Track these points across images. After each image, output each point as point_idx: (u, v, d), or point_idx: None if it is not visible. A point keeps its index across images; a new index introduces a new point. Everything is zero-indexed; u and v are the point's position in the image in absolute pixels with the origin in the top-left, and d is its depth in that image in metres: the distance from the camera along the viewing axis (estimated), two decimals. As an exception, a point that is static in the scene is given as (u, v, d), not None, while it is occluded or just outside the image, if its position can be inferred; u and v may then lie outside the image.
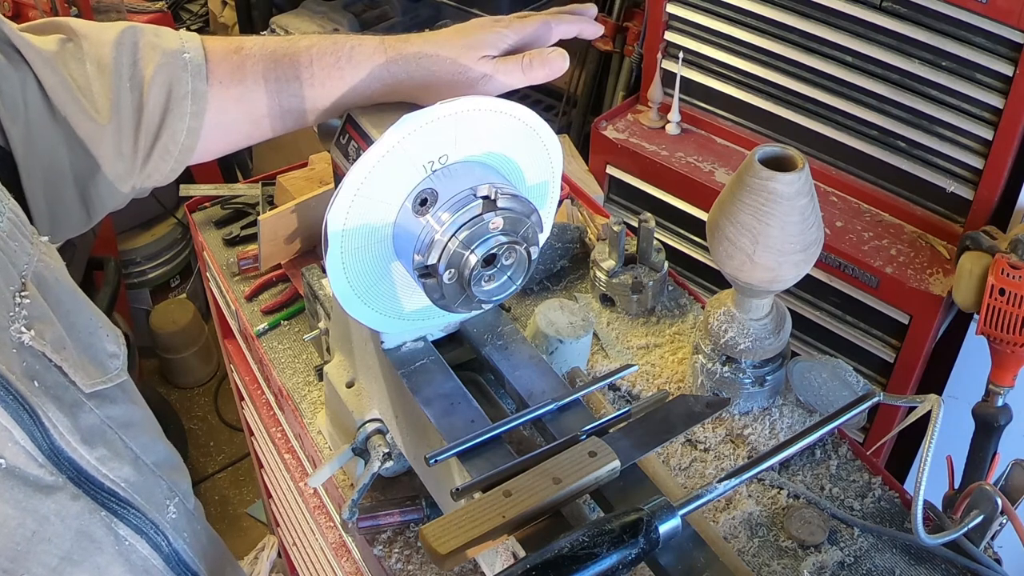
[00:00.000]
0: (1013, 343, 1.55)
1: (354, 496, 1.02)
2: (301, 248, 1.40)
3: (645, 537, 0.77)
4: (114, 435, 0.82)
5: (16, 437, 0.70)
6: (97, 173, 0.89)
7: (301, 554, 1.67)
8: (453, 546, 0.77)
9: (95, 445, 0.79)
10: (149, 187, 0.96)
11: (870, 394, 0.97)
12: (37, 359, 0.74)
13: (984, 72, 1.63)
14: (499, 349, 1.00)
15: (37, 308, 0.75)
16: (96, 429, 0.80)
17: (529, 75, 0.92)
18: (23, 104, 0.83)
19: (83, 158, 0.87)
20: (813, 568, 1.03)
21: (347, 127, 0.93)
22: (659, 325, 1.34)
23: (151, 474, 0.86)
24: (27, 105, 0.84)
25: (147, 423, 0.89)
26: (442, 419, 0.92)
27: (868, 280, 1.78)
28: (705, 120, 2.08)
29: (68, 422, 0.76)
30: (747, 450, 1.16)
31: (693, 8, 1.99)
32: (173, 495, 0.88)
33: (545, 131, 0.92)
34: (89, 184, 0.89)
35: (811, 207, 1.04)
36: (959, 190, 1.75)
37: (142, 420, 0.88)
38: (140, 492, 0.82)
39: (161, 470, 0.87)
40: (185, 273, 3.16)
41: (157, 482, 0.86)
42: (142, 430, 0.87)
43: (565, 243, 1.41)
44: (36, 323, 0.74)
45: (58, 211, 0.88)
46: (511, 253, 0.88)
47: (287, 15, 2.86)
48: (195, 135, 0.92)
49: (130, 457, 0.83)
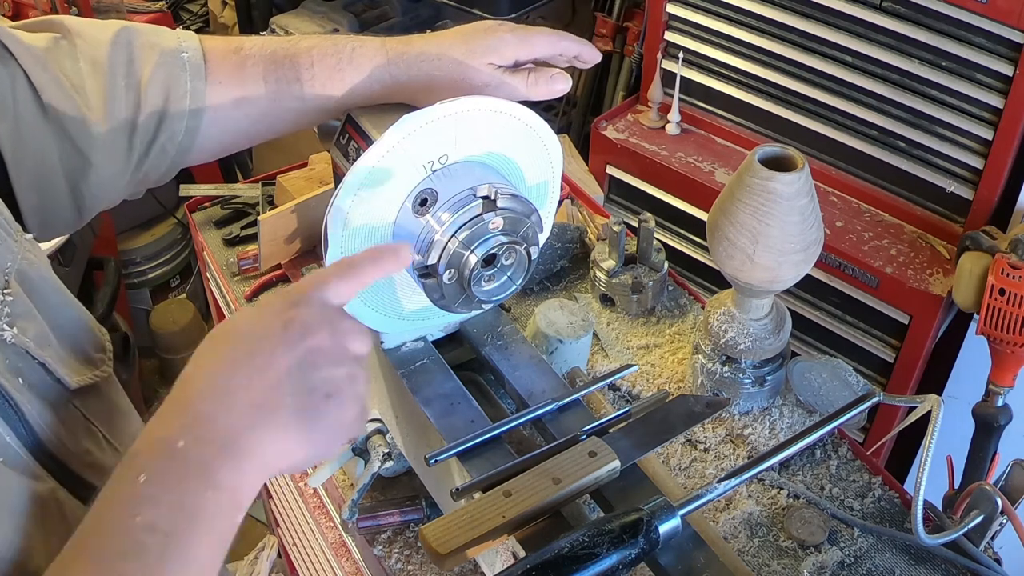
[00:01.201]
0: (1013, 343, 1.55)
1: (354, 496, 1.02)
2: (301, 248, 1.40)
3: (645, 537, 0.77)
4: (96, 431, 0.82)
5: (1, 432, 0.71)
6: (89, 171, 0.88)
7: (301, 554, 1.67)
8: (453, 546, 0.78)
9: (78, 440, 0.79)
10: (145, 187, 0.96)
11: (870, 394, 0.97)
12: (20, 356, 0.74)
13: (984, 72, 1.63)
14: (499, 349, 1.00)
15: (20, 305, 0.75)
16: (80, 424, 0.80)
17: (532, 92, 0.92)
18: (12, 101, 0.83)
19: (75, 156, 0.87)
20: (813, 568, 1.03)
21: (347, 127, 0.93)
22: (659, 325, 1.34)
23: None
24: (16, 102, 0.83)
25: (131, 418, 0.89)
26: (442, 419, 0.92)
27: (868, 280, 1.78)
28: (705, 120, 2.08)
29: (51, 418, 0.76)
30: (747, 450, 1.16)
31: (693, 8, 1.99)
32: None
33: (545, 131, 0.92)
34: (81, 182, 0.89)
35: (811, 207, 1.04)
36: (959, 190, 1.75)
37: (126, 415, 0.88)
38: None
39: None
40: (185, 273, 3.16)
41: None
42: (127, 424, 0.87)
43: (565, 243, 1.41)
44: (19, 320, 0.75)
45: (48, 208, 0.88)
46: (511, 253, 0.88)
47: (287, 15, 2.85)
48: (193, 135, 0.91)
49: (112, 453, 0.83)
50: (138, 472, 0.62)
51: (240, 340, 0.68)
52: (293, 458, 0.68)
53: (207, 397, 0.66)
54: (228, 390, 0.66)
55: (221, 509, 0.64)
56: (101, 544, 0.61)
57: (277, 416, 0.66)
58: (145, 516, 0.61)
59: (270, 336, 0.67)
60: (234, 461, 0.64)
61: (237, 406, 0.65)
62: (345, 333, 0.71)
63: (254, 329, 0.69)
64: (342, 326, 0.71)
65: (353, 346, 0.71)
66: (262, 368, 0.66)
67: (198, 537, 0.62)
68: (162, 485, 0.62)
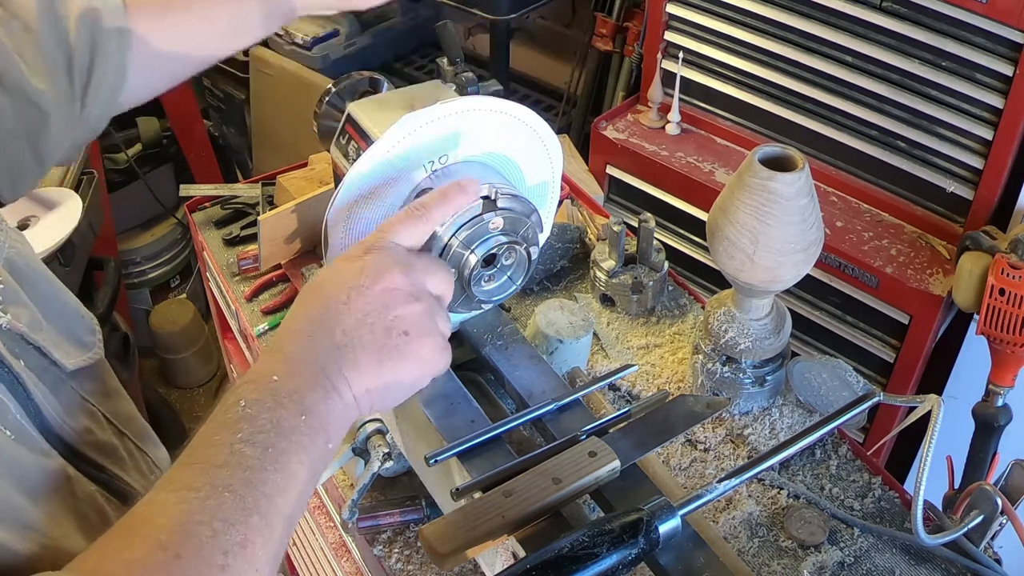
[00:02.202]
0: (1013, 343, 1.55)
1: (354, 496, 1.02)
2: (301, 248, 1.40)
3: (645, 537, 0.77)
4: (95, 410, 0.87)
5: (13, 410, 0.74)
6: (46, 126, 0.92)
7: (301, 554, 1.67)
8: (453, 546, 0.78)
9: (79, 419, 0.83)
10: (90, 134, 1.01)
11: (870, 394, 0.97)
12: (16, 341, 0.78)
13: (984, 72, 1.63)
14: (499, 349, 1.00)
15: (11, 293, 0.79)
16: (78, 404, 0.85)
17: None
18: None
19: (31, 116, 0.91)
20: (813, 568, 1.03)
21: (347, 127, 0.93)
22: (659, 325, 1.34)
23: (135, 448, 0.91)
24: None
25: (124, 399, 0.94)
26: (442, 419, 0.92)
27: (868, 280, 1.78)
28: (705, 120, 2.08)
29: (53, 399, 0.80)
30: (747, 450, 1.16)
31: (693, 8, 1.99)
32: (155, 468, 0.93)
33: (545, 131, 0.92)
34: (40, 139, 0.93)
35: (811, 207, 1.04)
36: (959, 190, 1.75)
37: (120, 395, 0.93)
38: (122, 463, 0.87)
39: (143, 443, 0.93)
40: (185, 273, 3.16)
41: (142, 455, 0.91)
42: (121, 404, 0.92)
43: (565, 243, 1.41)
44: (11, 307, 0.78)
45: (15, 170, 0.92)
46: (511, 253, 0.88)
47: (287, 15, 2.85)
48: (123, 72, 0.97)
49: (112, 431, 0.87)
50: (238, 400, 0.68)
51: (321, 290, 0.75)
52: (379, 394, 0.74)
53: (295, 342, 0.73)
54: (311, 335, 0.72)
55: (313, 432, 0.69)
56: (206, 455, 0.66)
57: (356, 355, 0.72)
58: (244, 432, 0.66)
59: (345, 283, 0.74)
60: (322, 392, 0.70)
61: (320, 349, 0.72)
62: (420, 272, 0.76)
63: (333, 278, 0.75)
64: (416, 265, 0.76)
65: (430, 283, 0.77)
66: (339, 313, 0.73)
67: (292, 454, 0.67)
68: (259, 407, 0.68)
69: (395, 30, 2.89)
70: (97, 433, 0.85)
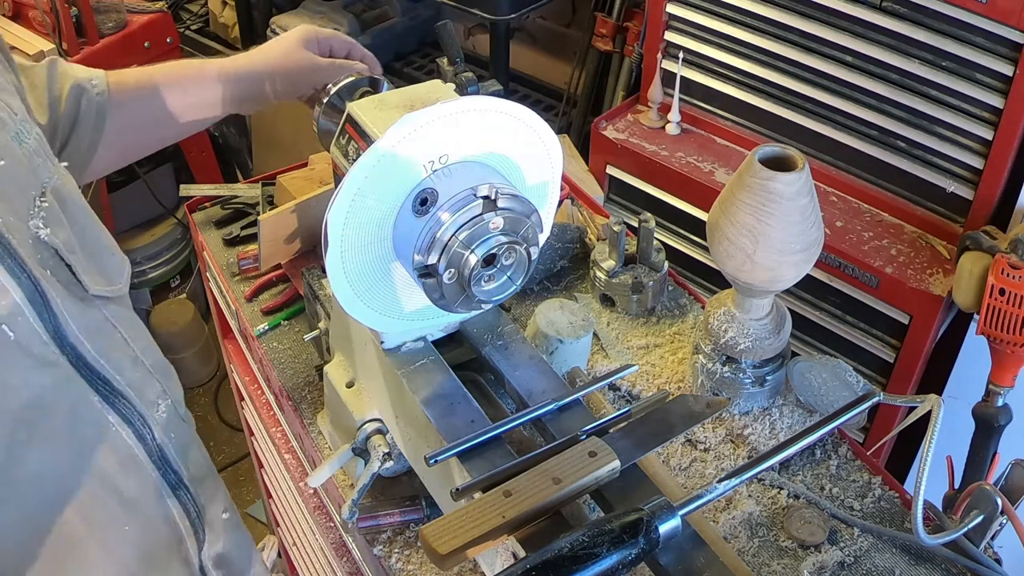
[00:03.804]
0: (1013, 343, 1.55)
1: (354, 496, 1.02)
2: (301, 248, 1.40)
3: (645, 537, 0.77)
4: (116, 333, 0.93)
5: (27, 314, 0.81)
6: None
7: (301, 554, 1.67)
8: (453, 546, 0.78)
9: (96, 337, 0.89)
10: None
11: (870, 394, 0.97)
12: (51, 255, 0.86)
13: (984, 72, 1.63)
14: (499, 349, 1.00)
15: (54, 215, 0.88)
16: (101, 324, 0.92)
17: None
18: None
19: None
20: (813, 568, 1.03)
21: (347, 127, 0.93)
22: (659, 325, 1.34)
23: (147, 374, 0.97)
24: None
25: (145, 333, 1.01)
26: (442, 419, 0.92)
27: (868, 280, 1.78)
28: (705, 120, 2.08)
29: (76, 312, 0.87)
30: (747, 450, 1.16)
31: (693, 8, 1.99)
32: (166, 397, 0.99)
33: (545, 131, 0.92)
34: None
35: (811, 207, 1.04)
36: (959, 190, 1.75)
37: (142, 328, 1.01)
38: (133, 386, 0.93)
39: (157, 372, 0.99)
40: (185, 273, 3.16)
41: (151, 382, 0.98)
42: (141, 335, 1.00)
43: (565, 243, 1.41)
44: (51, 226, 0.86)
45: None
46: (511, 253, 0.88)
47: (287, 15, 2.85)
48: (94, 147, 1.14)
49: (129, 355, 0.96)
50: None
51: None
52: None
53: None
54: None
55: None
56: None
57: None
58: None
59: None
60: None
61: None
62: None
63: None
64: None
65: None
66: None
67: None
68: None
69: (395, 30, 2.89)
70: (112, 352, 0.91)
